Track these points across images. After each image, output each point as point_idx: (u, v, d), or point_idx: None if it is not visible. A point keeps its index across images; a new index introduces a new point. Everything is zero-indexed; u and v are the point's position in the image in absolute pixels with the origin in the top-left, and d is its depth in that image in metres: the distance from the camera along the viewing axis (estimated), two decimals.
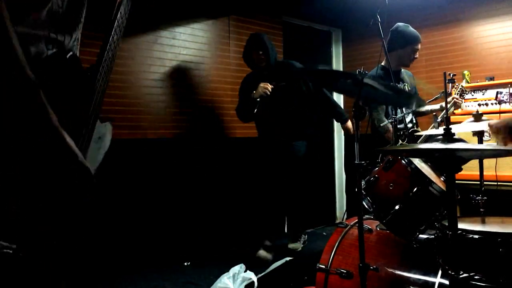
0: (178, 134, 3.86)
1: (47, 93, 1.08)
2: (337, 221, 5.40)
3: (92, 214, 1.28)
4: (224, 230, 4.12)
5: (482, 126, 2.17)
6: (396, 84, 3.42)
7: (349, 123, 3.97)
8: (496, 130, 1.73)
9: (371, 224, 2.25)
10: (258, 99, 3.62)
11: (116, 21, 1.32)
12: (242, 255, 3.74)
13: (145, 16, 3.58)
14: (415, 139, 2.80)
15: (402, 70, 3.61)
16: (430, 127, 2.97)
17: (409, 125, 3.35)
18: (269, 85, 3.61)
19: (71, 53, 1.22)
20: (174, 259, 3.61)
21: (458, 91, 3.36)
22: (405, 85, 3.52)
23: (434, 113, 2.60)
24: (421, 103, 2.92)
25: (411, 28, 3.49)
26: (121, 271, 3.28)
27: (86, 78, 1.26)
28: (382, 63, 3.48)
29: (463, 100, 3.44)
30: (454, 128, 1.62)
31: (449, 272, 1.50)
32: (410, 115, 3.47)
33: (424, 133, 2.63)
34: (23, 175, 1.06)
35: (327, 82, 2.40)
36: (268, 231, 3.85)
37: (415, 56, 3.51)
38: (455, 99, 3.29)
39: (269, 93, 3.58)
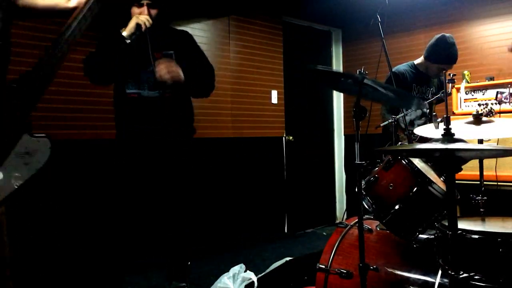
0: None
1: None
2: (337, 221, 5.40)
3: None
4: (224, 230, 4.12)
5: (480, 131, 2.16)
6: (421, 86, 3.40)
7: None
8: None
9: (371, 224, 2.25)
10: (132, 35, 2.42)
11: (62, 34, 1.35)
12: (242, 255, 3.75)
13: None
14: (418, 140, 2.79)
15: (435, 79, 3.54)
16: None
17: (413, 127, 3.34)
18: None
19: None
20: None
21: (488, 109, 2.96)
22: (428, 89, 3.46)
23: (434, 113, 2.59)
24: (422, 106, 2.90)
25: (452, 49, 3.27)
26: (121, 271, 3.27)
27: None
28: (416, 62, 3.44)
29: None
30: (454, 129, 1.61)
31: (449, 272, 1.50)
32: (423, 118, 3.43)
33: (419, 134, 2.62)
34: None
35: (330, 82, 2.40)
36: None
37: (441, 75, 3.38)
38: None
39: (148, 25, 2.42)
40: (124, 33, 2.41)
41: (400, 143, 2.78)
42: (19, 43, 2.80)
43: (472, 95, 3.92)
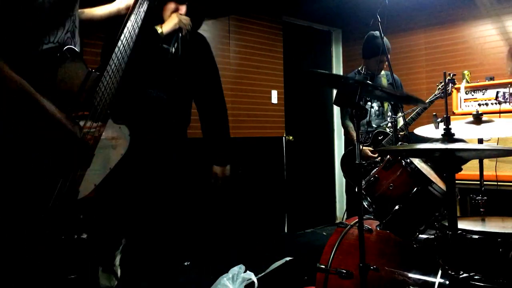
0: None
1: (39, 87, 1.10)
2: (337, 221, 5.41)
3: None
4: (224, 230, 4.12)
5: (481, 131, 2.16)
6: None
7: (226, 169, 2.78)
8: None
9: (371, 224, 2.25)
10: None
11: (129, 20, 1.35)
12: (241, 255, 3.74)
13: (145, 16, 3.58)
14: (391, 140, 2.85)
15: (382, 73, 3.67)
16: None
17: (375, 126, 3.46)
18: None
19: (66, 47, 1.23)
20: (174, 259, 3.61)
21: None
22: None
23: (434, 113, 2.59)
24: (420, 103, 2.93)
25: (378, 40, 3.35)
26: (121, 271, 3.27)
27: (89, 74, 1.27)
28: (359, 69, 3.63)
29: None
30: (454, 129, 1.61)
31: (449, 272, 1.50)
32: (380, 117, 3.56)
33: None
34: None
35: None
36: None
37: (381, 67, 3.54)
38: None
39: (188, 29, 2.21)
40: (160, 29, 2.05)
41: (400, 143, 2.78)
42: None
43: (472, 95, 3.91)
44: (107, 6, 1.63)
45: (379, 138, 3.38)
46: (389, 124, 3.51)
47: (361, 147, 1.83)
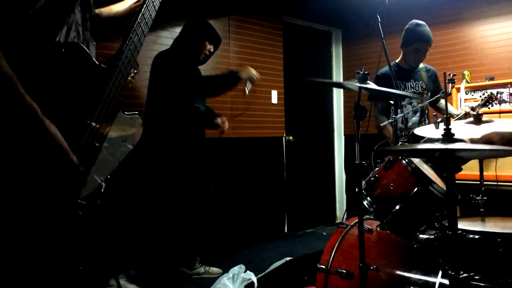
0: None
1: (40, 84, 1.09)
2: (337, 221, 5.41)
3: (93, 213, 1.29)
4: (224, 230, 4.12)
5: (483, 130, 2.16)
6: (407, 81, 3.45)
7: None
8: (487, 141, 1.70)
9: (371, 224, 2.25)
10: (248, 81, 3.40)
11: (141, 13, 1.35)
12: (242, 255, 3.74)
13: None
14: (417, 139, 2.79)
15: (421, 67, 3.57)
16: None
17: (413, 125, 3.35)
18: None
19: (71, 42, 1.23)
20: (174, 259, 3.61)
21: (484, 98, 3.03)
22: (417, 83, 3.48)
23: (434, 113, 2.59)
24: (420, 101, 2.92)
25: (422, 28, 3.42)
26: (121, 271, 3.27)
27: (96, 68, 1.27)
28: (397, 60, 3.53)
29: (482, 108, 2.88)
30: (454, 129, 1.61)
31: (449, 272, 1.50)
32: (417, 115, 3.46)
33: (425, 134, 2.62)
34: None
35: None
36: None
37: (419, 58, 3.47)
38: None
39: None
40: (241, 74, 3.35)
41: (400, 143, 2.78)
42: None
43: (472, 95, 3.92)
44: (122, 3, 1.61)
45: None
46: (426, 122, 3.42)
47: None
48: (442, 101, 3.47)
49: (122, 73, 1.32)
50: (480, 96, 3.26)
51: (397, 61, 3.54)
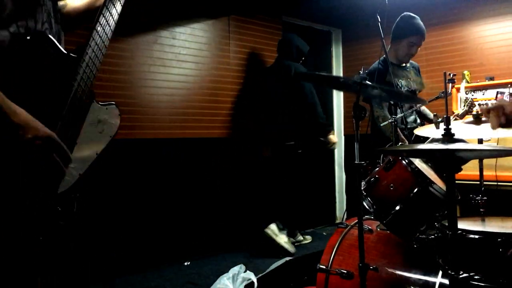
0: (177, 134, 3.86)
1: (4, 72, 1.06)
2: (337, 221, 5.41)
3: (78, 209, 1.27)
4: (223, 230, 4.12)
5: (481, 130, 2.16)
6: (395, 78, 3.28)
7: (332, 136, 4.11)
8: (488, 111, 1.64)
9: (371, 224, 2.25)
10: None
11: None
12: (242, 255, 3.74)
13: (145, 16, 3.58)
14: (416, 139, 2.79)
15: (410, 64, 3.49)
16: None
17: (412, 125, 3.33)
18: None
19: (37, 30, 1.20)
20: (174, 259, 3.61)
21: (467, 104, 3.11)
22: (409, 81, 3.39)
23: (435, 113, 2.58)
24: (420, 102, 2.89)
25: (417, 20, 3.34)
26: (121, 271, 3.28)
27: (64, 57, 1.23)
28: (383, 57, 3.37)
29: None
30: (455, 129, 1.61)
31: (449, 272, 1.50)
32: (413, 114, 3.43)
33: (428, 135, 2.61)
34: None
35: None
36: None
37: (412, 52, 3.36)
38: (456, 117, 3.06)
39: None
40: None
41: (400, 143, 2.78)
42: None
43: (472, 95, 3.92)
44: None
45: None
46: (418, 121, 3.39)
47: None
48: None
49: (93, 60, 1.27)
50: (465, 103, 3.19)
51: (383, 57, 3.38)
